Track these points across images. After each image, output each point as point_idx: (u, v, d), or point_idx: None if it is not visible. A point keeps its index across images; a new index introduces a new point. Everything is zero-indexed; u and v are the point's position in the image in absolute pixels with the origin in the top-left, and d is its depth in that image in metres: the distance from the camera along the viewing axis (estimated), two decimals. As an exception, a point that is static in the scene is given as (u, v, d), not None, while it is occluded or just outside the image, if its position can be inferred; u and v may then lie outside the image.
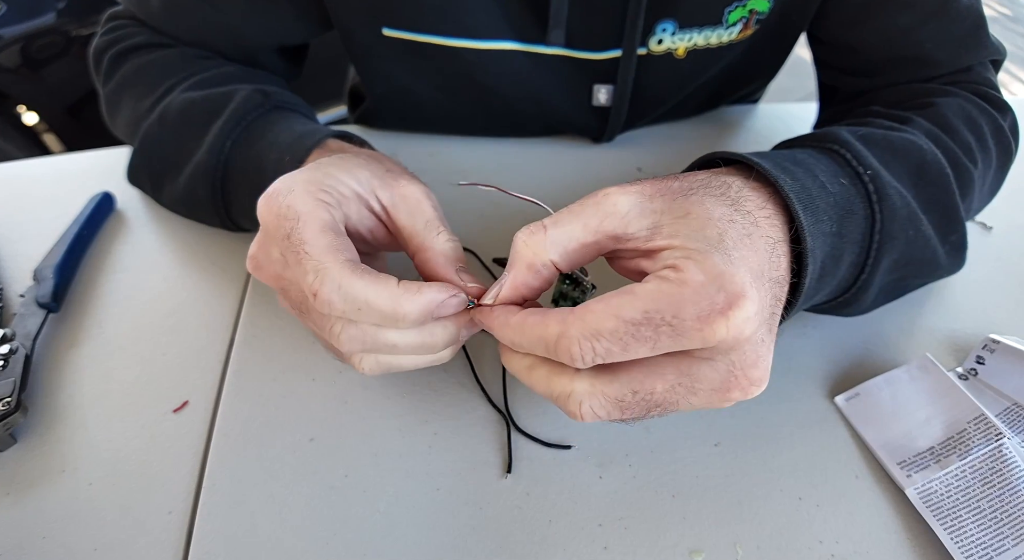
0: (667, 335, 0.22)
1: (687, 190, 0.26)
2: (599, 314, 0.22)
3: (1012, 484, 0.28)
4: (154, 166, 0.43)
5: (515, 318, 0.25)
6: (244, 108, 0.39)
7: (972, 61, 0.43)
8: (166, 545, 0.29)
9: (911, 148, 0.33)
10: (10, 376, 0.33)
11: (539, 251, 0.25)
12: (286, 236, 0.26)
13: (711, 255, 0.22)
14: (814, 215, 0.28)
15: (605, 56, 0.46)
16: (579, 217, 0.25)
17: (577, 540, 0.29)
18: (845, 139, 0.32)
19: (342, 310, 0.25)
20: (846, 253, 0.30)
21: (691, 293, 0.22)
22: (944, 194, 0.34)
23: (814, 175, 0.30)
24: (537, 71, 0.47)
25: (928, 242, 0.33)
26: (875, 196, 0.31)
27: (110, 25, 0.48)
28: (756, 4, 0.44)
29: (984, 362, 0.35)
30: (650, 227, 0.24)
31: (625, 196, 0.25)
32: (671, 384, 0.23)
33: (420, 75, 0.48)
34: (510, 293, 0.26)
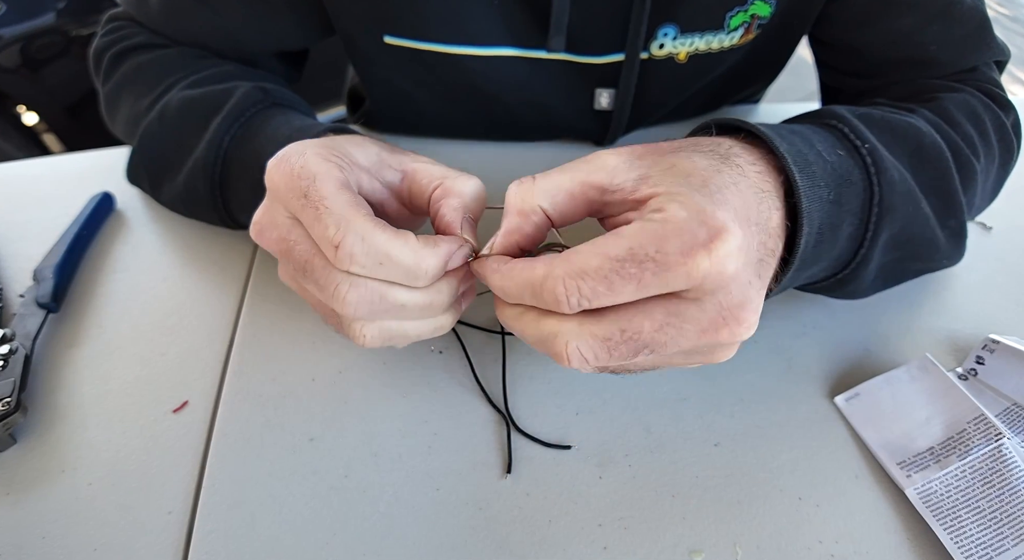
0: (651, 272, 0.22)
1: (676, 148, 0.26)
2: (584, 253, 0.23)
3: (1012, 484, 0.28)
4: (153, 164, 0.43)
5: (505, 265, 0.25)
6: (243, 104, 0.39)
7: (976, 62, 0.43)
8: (166, 545, 0.29)
9: (910, 130, 0.33)
10: (10, 376, 0.33)
11: (528, 198, 0.26)
12: (302, 194, 0.25)
13: (693, 195, 0.23)
14: (810, 179, 0.28)
15: (607, 60, 0.46)
16: (567, 170, 0.26)
17: (577, 540, 0.29)
18: (843, 115, 0.32)
19: (363, 263, 0.25)
20: (844, 223, 0.30)
21: (673, 228, 0.22)
22: (943, 178, 0.34)
23: (811, 143, 0.30)
24: (538, 77, 0.47)
25: (927, 221, 0.33)
26: (873, 168, 0.30)
27: (110, 26, 0.48)
28: (758, 9, 0.44)
29: (984, 362, 0.35)
30: (636, 179, 0.25)
31: (614, 155, 0.26)
32: (659, 323, 0.23)
33: (421, 82, 0.48)
34: (504, 240, 0.27)
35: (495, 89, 0.47)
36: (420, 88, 0.48)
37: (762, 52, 0.48)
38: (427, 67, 0.46)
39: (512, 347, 0.37)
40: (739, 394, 0.35)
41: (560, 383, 0.35)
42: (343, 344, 0.37)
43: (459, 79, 0.46)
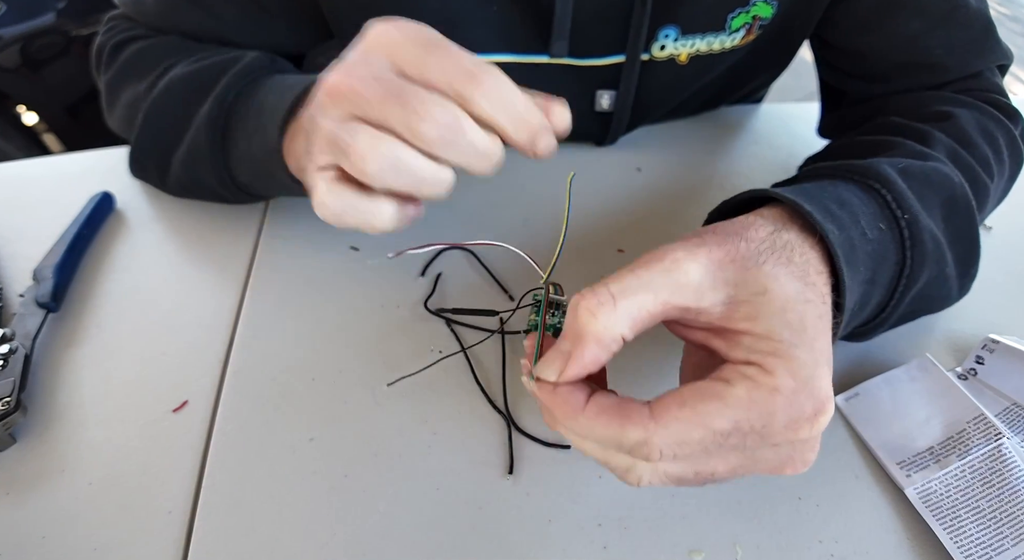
0: (752, 442, 0.21)
1: (757, 256, 0.24)
2: (686, 423, 0.21)
3: (1012, 484, 0.28)
4: (161, 139, 0.42)
5: (587, 414, 0.23)
6: (252, 66, 0.40)
7: (981, 66, 0.43)
8: (166, 545, 0.29)
9: (944, 182, 0.33)
10: (10, 376, 0.33)
11: (611, 326, 0.23)
12: (429, 42, 0.26)
13: (799, 354, 0.22)
14: (853, 267, 0.27)
15: (608, 62, 0.46)
16: (649, 287, 0.23)
17: (577, 540, 0.29)
18: (888, 177, 0.31)
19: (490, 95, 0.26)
20: (874, 297, 0.30)
21: (783, 402, 0.21)
22: (969, 227, 0.34)
23: (857, 220, 0.29)
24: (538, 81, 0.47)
25: (947, 281, 0.33)
26: (909, 241, 0.30)
27: (109, 25, 0.48)
28: (759, 10, 0.44)
29: (984, 362, 0.35)
30: (725, 302, 0.23)
31: (696, 264, 0.24)
32: (733, 467, 0.23)
33: None
34: (579, 372, 0.24)
35: None
36: None
37: (763, 53, 0.48)
38: None
39: (511, 348, 0.37)
40: (739, 394, 0.35)
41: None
42: (343, 344, 0.37)
43: None
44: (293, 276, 0.41)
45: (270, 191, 0.42)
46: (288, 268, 0.42)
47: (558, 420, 0.24)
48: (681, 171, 0.51)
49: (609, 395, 0.24)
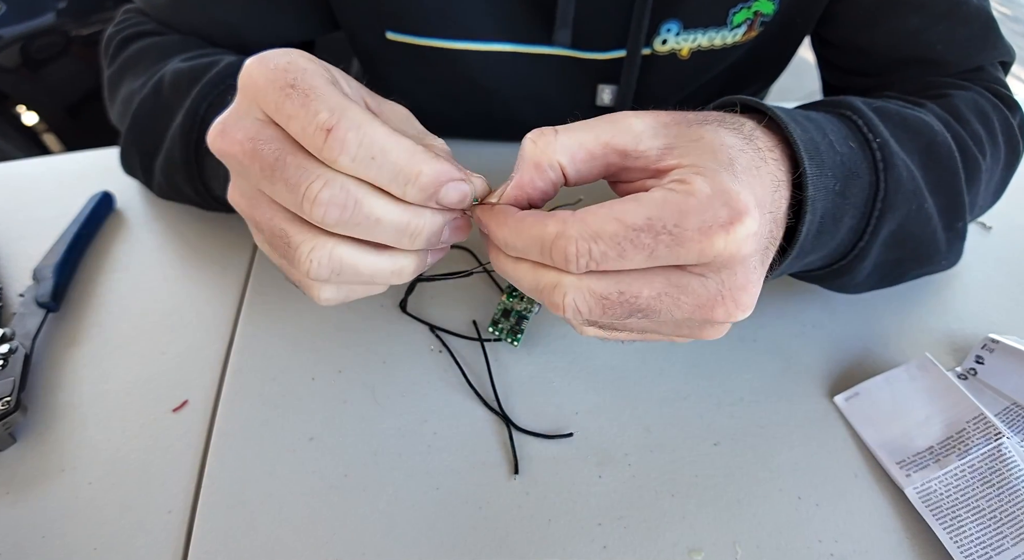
0: (666, 244, 0.22)
1: (702, 120, 0.26)
2: (601, 217, 0.22)
3: (1011, 484, 0.28)
4: (146, 141, 0.42)
5: (514, 217, 0.24)
6: (224, 73, 0.38)
7: (982, 62, 0.43)
8: (166, 544, 0.29)
9: (923, 127, 0.33)
10: (10, 375, 0.33)
11: (548, 151, 0.25)
12: (288, 85, 0.23)
13: (719, 172, 0.23)
14: (819, 168, 0.28)
15: (609, 56, 0.46)
16: (591, 128, 0.25)
17: (576, 539, 0.29)
18: (858, 107, 0.32)
19: (354, 154, 0.22)
20: (847, 216, 0.30)
21: (696, 204, 0.22)
22: (950, 178, 0.34)
23: (824, 132, 0.29)
24: (539, 72, 0.47)
25: (929, 221, 0.33)
26: (882, 164, 0.30)
27: (122, 17, 0.49)
28: (761, 6, 0.44)
29: (983, 362, 0.35)
30: (662, 147, 0.24)
31: (640, 118, 0.25)
32: (658, 291, 0.23)
33: (422, 80, 0.48)
34: (516, 192, 0.25)
35: (495, 85, 0.47)
36: (421, 85, 0.48)
37: (765, 50, 0.48)
38: (428, 64, 0.46)
39: (509, 349, 0.37)
40: (739, 393, 0.35)
41: (560, 382, 0.35)
42: (343, 344, 0.37)
43: (460, 76, 0.46)
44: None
45: None
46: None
47: (493, 234, 0.25)
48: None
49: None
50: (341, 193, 0.23)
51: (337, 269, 0.25)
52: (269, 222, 0.25)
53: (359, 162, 0.23)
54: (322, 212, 0.23)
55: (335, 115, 0.22)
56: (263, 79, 0.23)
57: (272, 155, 0.23)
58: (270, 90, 0.23)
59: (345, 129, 0.22)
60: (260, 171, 0.23)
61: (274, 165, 0.23)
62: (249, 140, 0.24)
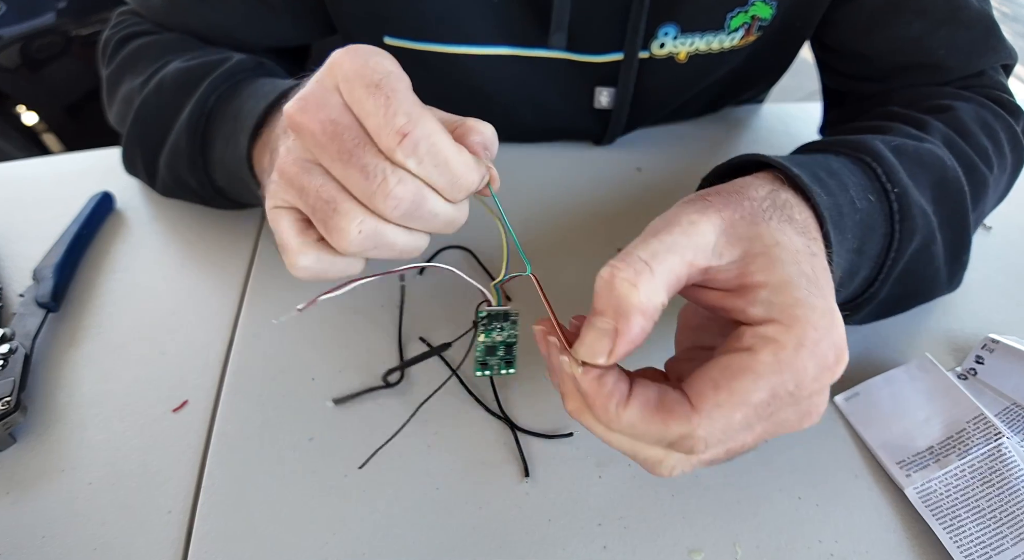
0: (784, 404, 0.21)
1: (762, 213, 0.25)
2: (727, 406, 0.21)
3: (1011, 484, 0.28)
4: (149, 137, 0.42)
5: (630, 410, 0.22)
6: (235, 69, 0.40)
7: (984, 66, 0.43)
8: (166, 545, 0.29)
9: (936, 163, 0.33)
10: (10, 376, 0.33)
11: (653, 295, 0.22)
12: (373, 84, 0.24)
13: (817, 303, 0.22)
14: (841, 233, 0.28)
15: (606, 59, 0.46)
16: (674, 249, 0.23)
17: (577, 539, 0.29)
18: (879, 152, 0.31)
19: (422, 160, 0.24)
20: (862, 269, 0.31)
21: (808, 355, 0.21)
22: (960, 214, 0.34)
23: (846, 189, 0.29)
24: (537, 75, 0.47)
25: (934, 259, 0.33)
26: (898, 215, 0.30)
27: (118, 20, 0.49)
28: (758, 10, 0.44)
29: (983, 362, 0.35)
30: (741, 257, 0.23)
31: (710, 224, 0.24)
32: (760, 436, 0.23)
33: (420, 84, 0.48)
34: (628, 349, 0.23)
35: (494, 88, 0.47)
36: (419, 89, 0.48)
37: (764, 54, 0.48)
38: (426, 68, 0.46)
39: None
40: (739, 394, 0.35)
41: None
42: (343, 344, 0.37)
43: (459, 80, 0.46)
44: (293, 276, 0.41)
45: (246, 198, 0.41)
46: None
47: (597, 415, 0.23)
48: (681, 171, 0.51)
49: (647, 384, 0.23)
50: (413, 191, 0.25)
51: (377, 244, 0.26)
52: (319, 189, 0.26)
53: (424, 167, 0.25)
54: (393, 205, 0.25)
55: (412, 121, 0.24)
56: (352, 71, 0.25)
57: (352, 142, 0.25)
58: (357, 84, 0.24)
59: (419, 136, 0.24)
60: (337, 153, 0.25)
61: (353, 152, 0.25)
62: (331, 122, 0.25)
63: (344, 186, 0.25)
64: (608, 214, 0.46)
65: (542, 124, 0.52)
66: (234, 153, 0.35)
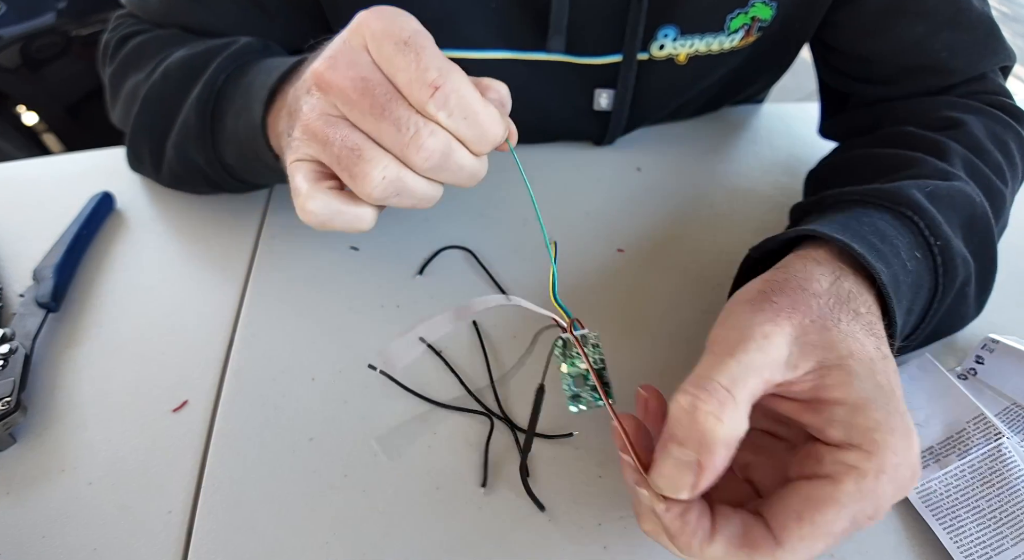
0: (862, 525, 0.22)
1: (831, 315, 0.25)
2: (810, 539, 0.21)
3: (1011, 484, 0.28)
4: (157, 123, 0.42)
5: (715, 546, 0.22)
6: (244, 50, 0.40)
7: (986, 68, 0.43)
8: (165, 545, 0.29)
9: (966, 202, 0.33)
10: (10, 375, 0.33)
11: (736, 426, 0.22)
12: (402, 41, 0.25)
13: (896, 424, 0.22)
14: (898, 302, 0.28)
15: (606, 61, 0.46)
16: (751, 370, 0.23)
17: (577, 539, 0.29)
18: (919, 204, 0.31)
19: (452, 112, 0.25)
20: (909, 325, 0.31)
21: (888, 481, 0.21)
22: (988, 245, 0.34)
23: (898, 253, 0.29)
24: (536, 78, 0.47)
25: (967, 299, 0.34)
26: (942, 269, 0.31)
27: (116, 22, 0.49)
28: (758, 12, 0.44)
29: (983, 362, 0.35)
30: (815, 369, 0.23)
31: (783, 336, 0.24)
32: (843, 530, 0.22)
33: None
34: (711, 482, 0.22)
35: None
36: None
37: (764, 55, 0.48)
38: None
39: (509, 349, 0.37)
40: (739, 394, 0.35)
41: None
42: (343, 344, 0.37)
43: None
44: (293, 276, 0.41)
45: (255, 173, 0.41)
46: (288, 268, 0.42)
47: (680, 549, 0.23)
48: (681, 171, 0.51)
49: (729, 515, 0.23)
50: (444, 143, 0.26)
51: (400, 190, 0.27)
52: (345, 139, 0.27)
53: (454, 119, 0.26)
54: (424, 156, 0.26)
55: (442, 75, 0.25)
56: (380, 29, 0.25)
57: (384, 97, 0.25)
58: (386, 41, 0.25)
59: (450, 89, 0.25)
60: (370, 108, 0.26)
61: (385, 106, 0.25)
62: (361, 79, 0.26)
63: (373, 139, 0.26)
64: (608, 214, 0.46)
65: (542, 126, 0.52)
66: (248, 122, 0.36)
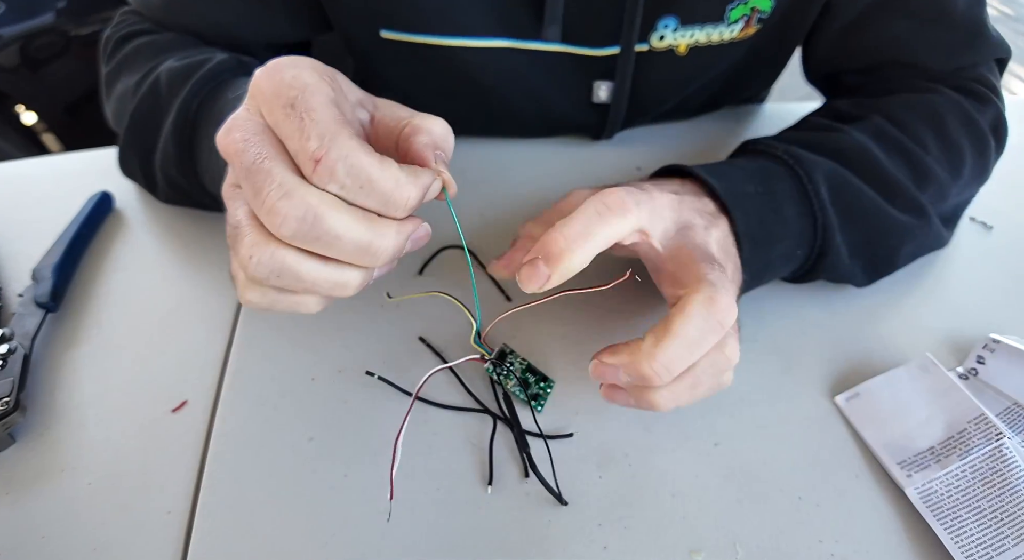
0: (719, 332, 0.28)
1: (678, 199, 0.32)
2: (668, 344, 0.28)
3: (1012, 484, 0.28)
4: (145, 141, 0.42)
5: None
6: (216, 70, 0.39)
7: (965, 64, 0.44)
8: (165, 545, 0.28)
9: (826, 141, 0.37)
10: (9, 376, 0.33)
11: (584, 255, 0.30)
12: (288, 103, 0.24)
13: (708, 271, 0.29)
14: (729, 182, 0.34)
15: (605, 52, 0.46)
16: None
17: (577, 540, 0.29)
18: (753, 140, 0.37)
19: (343, 183, 0.23)
20: (785, 205, 0.34)
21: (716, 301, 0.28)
22: (873, 167, 0.37)
23: (728, 162, 0.36)
24: (535, 68, 0.47)
25: (863, 193, 0.36)
26: (792, 160, 0.35)
27: (120, 19, 0.49)
28: (758, 2, 0.44)
29: (984, 362, 0.35)
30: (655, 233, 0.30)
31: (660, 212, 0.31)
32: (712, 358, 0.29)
33: (418, 77, 0.48)
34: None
35: (492, 82, 0.47)
36: (418, 83, 0.48)
37: (764, 48, 0.49)
38: (424, 61, 0.46)
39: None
40: (739, 393, 0.35)
41: (560, 383, 0.35)
42: (343, 344, 0.37)
43: (456, 73, 0.46)
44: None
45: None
46: (288, 268, 0.42)
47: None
48: (681, 170, 0.51)
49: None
50: (300, 206, 0.23)
51: (277, 271, 0.25)
52: (234, 214, 0.25)
53: (348, 191, 0.24)
54: (278, 222, 0.23)
55: (325, 143, 0.23)
56: (269, 91, 0.24)
57: (252, 157, 0.24)
58: (273, 104, 0.24)
59: (335, 159, 0.23)
60: (240, 169, 0.24)
61: (250, 167, 0.24)
62: (243, 140, 0.24)
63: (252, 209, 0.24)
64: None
65: (541, 117, 0.51)
66: (218, 161, 0.35)
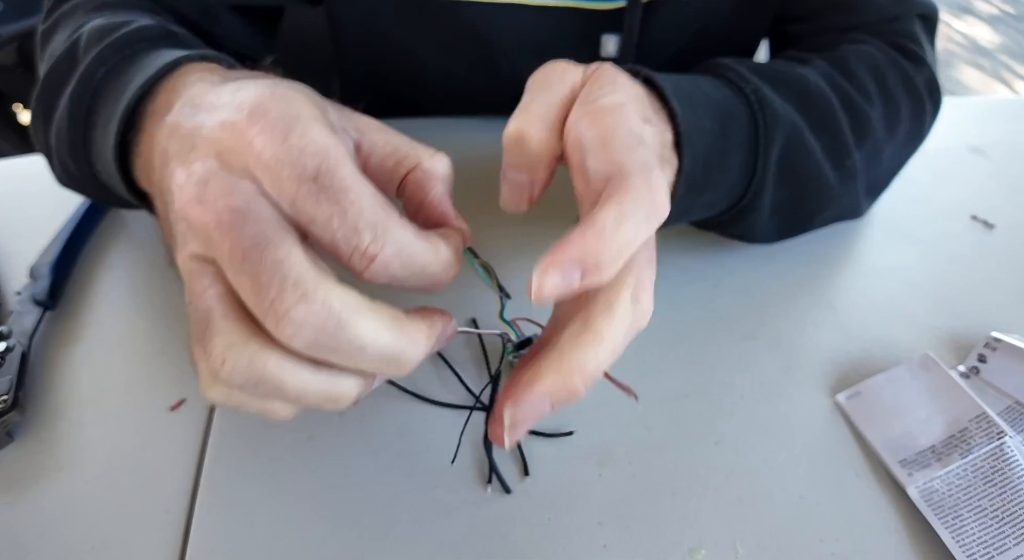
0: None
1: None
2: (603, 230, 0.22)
3: (1014, 483, 0.28)
4: (48, 110, 0.33)
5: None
6: (136, 35, 0.31)
7: (899, 13, 0.44)
8: (163, 544, 0.28)
9: (795, 78, 0.36)
10: (6, 374, 0.33)
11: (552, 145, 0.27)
12: (310, 178, 0.19)
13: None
14: (692, 110, 0.30)
15: (612, 5, 0.46)
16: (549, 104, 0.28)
17: (577, 539, 0.29)
18: (730, 64, 0.34)
19: (391, 277, 0.20)
20: (733, 153, 0.32)
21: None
22: (830, 121, 0.36)
23: (696, 83, 0.32)
24: (543, 24, 0.46)
25: (811, 154, 0.35)
26: (757, 104, 0.33)
27: None
28: None
29: (986, 360, 0.35)
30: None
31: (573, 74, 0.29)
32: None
33: (424, 34, 0.47)
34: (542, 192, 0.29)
35: (498, 37, 0.47)
36: (423, 40, 0.48)
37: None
38: (430, 16, 0.45)
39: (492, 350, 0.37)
40: (740, 392, 0.35)
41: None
42: (342, 342, 0.37)
43: (460, 29, 0.46)
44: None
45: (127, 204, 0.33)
46: (287, 266, 0.42)
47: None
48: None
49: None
50: (321, 313, 0.18)
51: (255, 380, 0.19)
52: (201, 297, 0.19)
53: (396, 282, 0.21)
54: (290, 332, 0.18)
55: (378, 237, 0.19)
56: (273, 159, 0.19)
57: (254, 239, 0.18)
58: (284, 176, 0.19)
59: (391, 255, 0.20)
60: (230, 249, 0.19)
61: (251, 252, 0.18)
62: (233, 212, 0.19)
63: (236, 297, 0.19)
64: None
65: None
66: (104, 151, 0.29)
